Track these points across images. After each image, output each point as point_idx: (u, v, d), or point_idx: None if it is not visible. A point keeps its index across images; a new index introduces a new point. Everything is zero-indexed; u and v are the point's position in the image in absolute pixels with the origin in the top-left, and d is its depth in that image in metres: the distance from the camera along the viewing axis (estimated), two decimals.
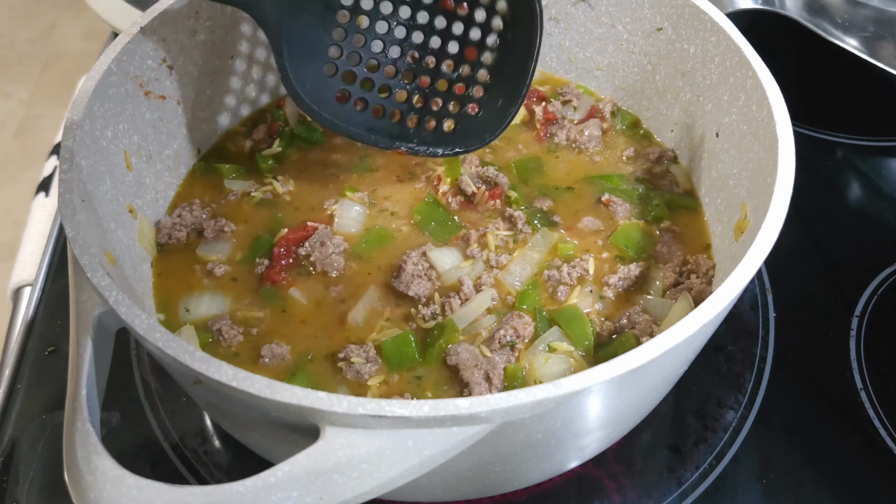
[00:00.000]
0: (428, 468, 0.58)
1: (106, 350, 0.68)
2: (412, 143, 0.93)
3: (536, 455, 0.71)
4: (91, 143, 0.78)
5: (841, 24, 1.22)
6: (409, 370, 0.80)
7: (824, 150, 1.19)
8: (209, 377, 0.58)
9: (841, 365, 0.93)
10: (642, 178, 0.99)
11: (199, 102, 0.98)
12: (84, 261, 0.65)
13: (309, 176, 0.99)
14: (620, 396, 0.67)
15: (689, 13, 0.93)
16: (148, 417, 0.88)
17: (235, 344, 0.82)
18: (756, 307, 0.98)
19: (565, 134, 1.03)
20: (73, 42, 3.13)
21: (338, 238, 0.90)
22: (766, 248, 0.68)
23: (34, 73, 3.01)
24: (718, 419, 0.88)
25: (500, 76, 0.92)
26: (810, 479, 0.84)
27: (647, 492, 0.83)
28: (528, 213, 0.93)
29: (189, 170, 0.99)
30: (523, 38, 0.89)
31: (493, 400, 0.56)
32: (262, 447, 0.77)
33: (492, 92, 0.93)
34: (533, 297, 0.85)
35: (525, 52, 0.89)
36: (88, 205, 0.74)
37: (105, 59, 0.83)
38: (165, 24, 0.89)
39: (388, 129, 0.94)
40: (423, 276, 0.86)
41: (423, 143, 0.93)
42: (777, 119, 0.78)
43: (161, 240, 0.91)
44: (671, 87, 1.00)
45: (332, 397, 0.56)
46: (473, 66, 0.93)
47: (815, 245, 1.06)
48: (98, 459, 0.57)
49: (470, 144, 0.93)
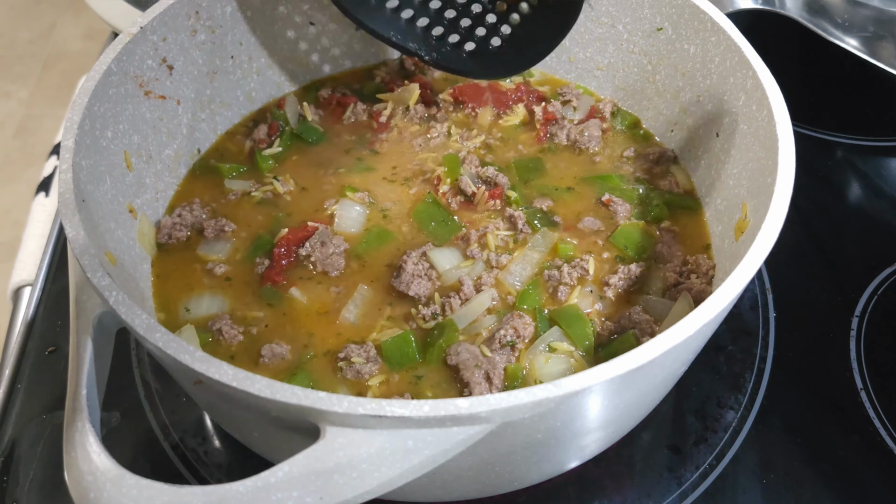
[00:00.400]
0: (428, 468, 0.58)
1: (106, 350, 0.68)
2: (431, 54, 0.98)
3: (536, 455, 0.71)
4: (91, 143, 0.78)
5: (841, 24, 1.22)
6: (409, 370, 0.80)
7: (824, 150, 1.19)
8: (209, 377, 0.58)
9: (841, 365, 0.93)
10: (642, 178, 0.99)
11: (199, 102, 0.98)
12: (84, 261, 0.65)
13: (309, 176, 0.99)
14: (620, 396, 0.67)
15: (689, 13, 0.93)
16: (148, 417, 0.88)
17: (235, 344, 0.82)
18: (756, 307, 0.98)
19: (565, 134, 1.03)
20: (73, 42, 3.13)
21: (338, 238, 0.90)
22: (766, 248, 0.68)
23: (34, 73, 3.01)
24: (718, 419, 0.88)
25: (528, 31, 0.96)
26: (810, 479, 0.84)
27: (647, 492, 0.83)
28: (529, 214, 0.93)
29: (189, 169, 0.99)
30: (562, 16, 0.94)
31: (493, 400, 0.56)
32: (262, 447, 0.77)
33: (516, 39, 0.97)
34: (533, 297, 0.85)
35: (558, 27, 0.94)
36: (88, 205, 0.74)
37: (105, 59, 0.83)
38: (165, 24, 0.90)
39: (412, 34, 0.99)
40: (423, 276, 0.86)
41: (440, 56, 0.99)
42: (777, 119, 0.78)
43: (161, 240, 0.91)
44: (671, 87, 1.00)
45: (332, 397, 0.56)
46: (509, 8, 0.96)
47: (815, 245, 1.06)
48: (98, 459, 0.57)
49: (479, 74, 1.00)
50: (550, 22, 0.95)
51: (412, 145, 1.03)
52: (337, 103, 1.07)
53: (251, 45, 1.02)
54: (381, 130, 1.05)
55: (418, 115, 1.06)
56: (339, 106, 1.07)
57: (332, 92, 1.09)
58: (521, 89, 1.08)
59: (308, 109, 1.06)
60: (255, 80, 1.05)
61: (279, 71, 1.07)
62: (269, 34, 1.03)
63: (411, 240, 0.91)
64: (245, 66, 1.02)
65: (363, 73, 1.13)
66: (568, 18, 0.93)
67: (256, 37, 1.01)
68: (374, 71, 1.13)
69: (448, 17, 0.99)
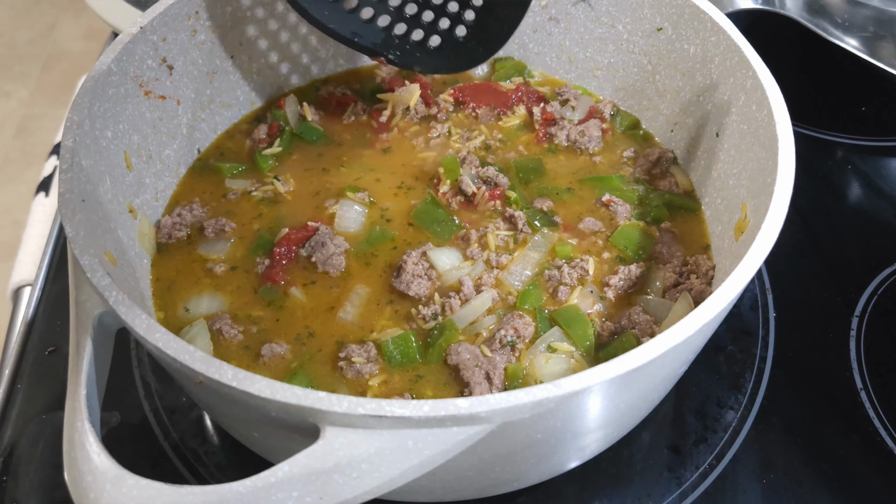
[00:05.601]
0: (428, 468, 0.58)
1: (106, 350, 0.68)
2: (395, 52, 0.97)
3: (536, 455, 0.71)
4: (91, 143, 0.78)
5: (841, 24, 1.22)
6: (409, 370, 0.80)
7: (824, 150, 1.19)
8: (209, 377, 0.58)
9: (841, 365, 0.93)
10: (642, 178, 0.99)
11: (198, 102, 0.98)
12: (84, 261, 0.65)
13: (309, 175, 0.99)
14: (620, 396, 0.67)
15: (689, 13, 0.93)
16: (148, 417, 0.88)
17: (235, 343, 0.82)
18: (756, 307, 0.98)
19: (565, 135, 1.03)
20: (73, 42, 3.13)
21: (339, 238, 0.90)
22: (766, 248, 0.68)
23: (34, 73, 3.01)
24: (718, 419, 0.88)
25: (488, 18, 0.96)
26: (810, 479, 0.84)
27: (647, 492, 0.83)
28: (529, 214, 0.93)
29: (189, 169, 0.99)
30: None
31: (493, 400, 0.56)
32: (262, 447, 0.77)
33: (482, 22, 0.97)
34: (533, 297, 0.85)
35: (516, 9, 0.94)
36: (88, 205, 0.74)
37: (105, 59, 0.83)
38: (165, 24, 0.90)
39: (375, 35, 0.97)
40: (423, 276, 0.86)
41: (405, 55, 0.98)
42: (777, 119, 0.78)
43: (161, 239, 0.91)
44: (671, 87, 1.00)
45: (332, 397, 0.56)
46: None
47: (815, 245, 1.06)
48: (98, 459, 0.57)
49: (447, 68, 0.99)
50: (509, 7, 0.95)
51: (412, 145, 1.03)
52: (337, 103, 1.07)
53: (251, 45, 1.02)
54: (381, 130, 1.05)
55: (419, 115, 1.06)
56: (339, 106, 1.07)
57: (332, 92, 1.09)
58: (522, 90, 1.08)
59: (308, 109, 1.05)
60: (255, 80, 1.05)
61: (279, 71, 1.07)
62: (269, 34, 1.03)
63: (411, 240, 0.91)
64: (245, 66, 1.02)
65: (363, 73, 1.13)
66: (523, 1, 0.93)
67: (257, 37, 1.01)
68: (374, 71, 1.13)
69: (409, 13, 0.98)
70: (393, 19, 0.98)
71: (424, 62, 1.00)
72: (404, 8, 0.97)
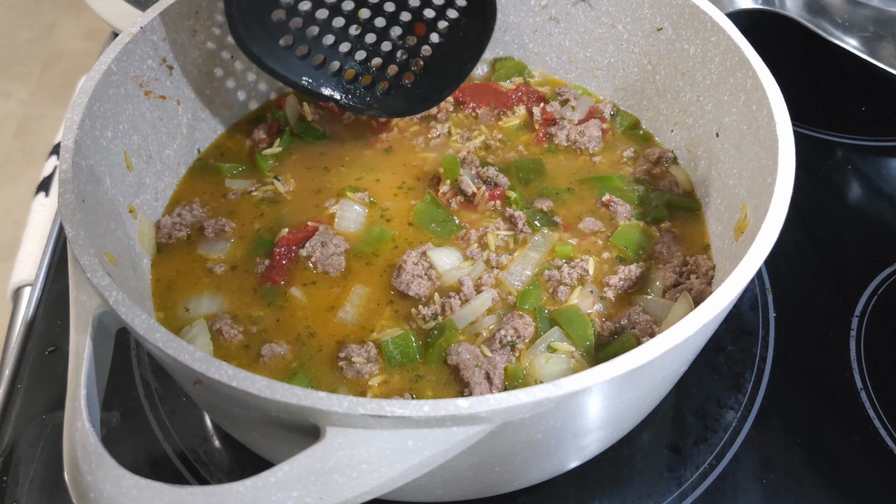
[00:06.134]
0: (428, 468, 0.58)
1: (106, 350, 0.68)
2: (345, 97, 0.99)
3: (536, 455, 0.71)
4: (91, 143, 0.78)
5: (841, 24, 1.22)
6: (409, 370, 0.80)
7: (824, 150, 1.19)
8: (209, 377, 0.58)
9: (841, 365, 0.93)
10: (642, 178, 0.99)
11: (198, 102, 0.98)
12: (84, 261, 0.65)
13: (309, 176, 0.99)
14: (620, 396, 0.67)
15: (689, 13, 0.93)
16: (148, 417, 0.88)
17: (235, 343, 0.82)
18: (756, 307, 0.98)
19: (565, 135, 1.03)
20: (73, 42, 3.13)
21: (339, 238, 0.90)
22: (766, 248, 0.68)
23: (34, 73, 3.01)
24: (718, 419, 0.88)
25: (441, 60, 0.99)
26: (810, 479, 0.84)
27: (647, 492, 0.83)
28: (529, 214, 0.93)
29: (189, 169, 0.99)
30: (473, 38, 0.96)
31: (493, 400, 0.56)
32: (262, 447, 0.77)
33: (430, 71, 0.99)
34: (534, 297, 0.85)
35: (470, 52, 0.97)
36: (88, 205, 0.74)
37: (105, 59, 0.83)
38: (165, 24, 0.90)
39: (325, 80, 0.98)
40: (423, 276, 0.86)
41: (354, 98, 0.99)
42: (777, 119, 0.78)
43: (161, 239, 0.91)
44: (671, 87, 1.00)
45: (332, 397, 0.56)
46: (419, 41, 0.98)
47: (815, 245, 1.06)
48: (98, 459, 0.57)
49: (396, 112, 1.02)
50: (463, 48, 0.97)
51: (412, 145, 1.03)
52: None
53: None
54: (381, 130, 1.05)
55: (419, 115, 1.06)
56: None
57: None
58: (522, 90, 1.08)
59: (308, 109, 1.05)
60: (255, 80, 1.05)
61: None
62: None
63: (411, 240, 0.91)
64: (245, 66, 1.02)
65: None
66: (479, 42, 0.95)
67: None
68: None
69: (359, 58, 0.99)
70: (342, 64, 0.99)
71: (377, 106, 1.00)
72: (354, 54, 0.99)
